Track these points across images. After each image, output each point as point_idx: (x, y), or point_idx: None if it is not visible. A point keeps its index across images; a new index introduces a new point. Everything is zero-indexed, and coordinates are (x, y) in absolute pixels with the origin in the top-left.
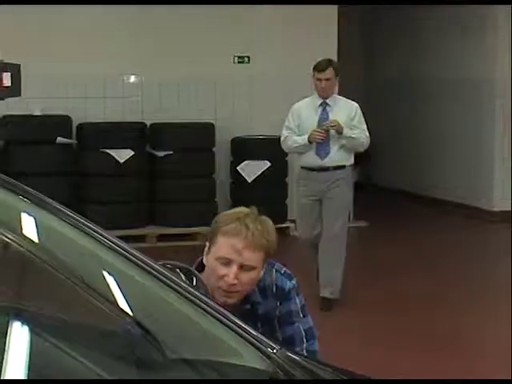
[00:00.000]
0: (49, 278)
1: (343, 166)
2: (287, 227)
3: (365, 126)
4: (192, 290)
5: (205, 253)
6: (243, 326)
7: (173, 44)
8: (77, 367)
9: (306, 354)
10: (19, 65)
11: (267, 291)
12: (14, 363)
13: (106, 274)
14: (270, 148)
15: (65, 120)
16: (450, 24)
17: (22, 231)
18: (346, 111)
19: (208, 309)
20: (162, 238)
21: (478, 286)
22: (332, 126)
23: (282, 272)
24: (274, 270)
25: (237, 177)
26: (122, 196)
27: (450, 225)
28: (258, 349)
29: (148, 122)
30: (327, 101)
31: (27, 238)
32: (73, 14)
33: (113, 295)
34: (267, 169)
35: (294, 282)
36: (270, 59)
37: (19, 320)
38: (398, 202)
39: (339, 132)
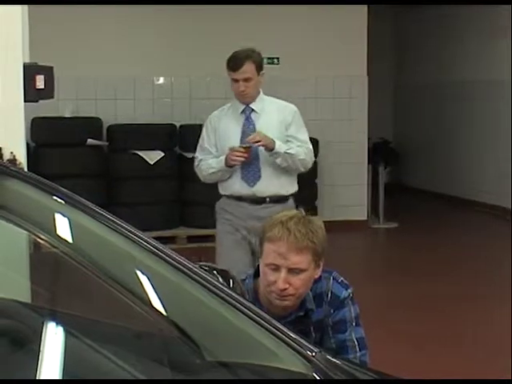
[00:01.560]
0: (83, 279)
1: (284, 198)
2: None
3: (306, 137)
4: (229, 291)
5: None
6: (282, 328)
7: (203, 45)
8: (111, 368)
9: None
10: (52, 67)
11: (322, 299)
12: (49, 363)
13: (141, 274)
14: None
15: (95, 122)
16: (481, 25)
17: (55, 232)
18: (280, 117)
19: (246, 311)
20: (192, 239)
21: (507, 288)
22: (257, 142)
23: (339, 281)
24: (332, 278)
25: None
26: (152, 197)
27: (480, 226)
28: (298, 352)
29: (178, 124)
30: (252, 106)
31: (61, 238)
32: (103, 15)
33: (149, 296)
34: None
35: (349, 291)
36: (299, 60)
37: (53, 321)
38: (427, 203)
39: (269, 148)
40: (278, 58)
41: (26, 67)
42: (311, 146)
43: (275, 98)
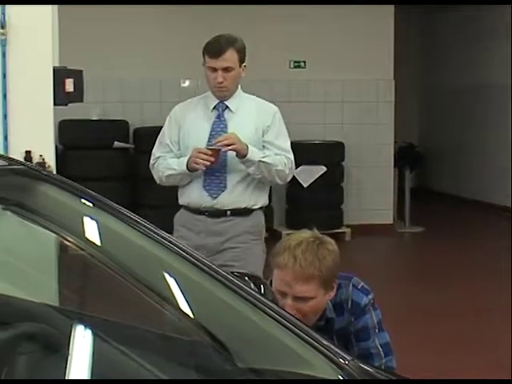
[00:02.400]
0: (111, 282)
1: (249, 211)
2: (343, 232)
3: (287, 144)
4: (261, 297)
5: None
6: (314, 335)
7: None
8: (139, 372)
9: None
10: (81, 71)
11: (343, 307)
12: (77, 367)
13: (169, 277)
14: (326, 153)
15: (122, 124)
16: (509, 27)
17: (84, 234)
18: (258, 120)
19: (277, 317)
20: None
21: None
22: (228, 145)
23: (359, 287)
24: (351, 285)
25: (293, 181)
26: (177, 200)
27: (507, 231)
28: (330, 359)
29: None
30: (227, 102)
31: (89, 241)
32: (130, 18)
33: (177, 300)
34: (323, 174)
35: (370, 296)
36: (326, 63)
37: (82, 324)
38: (453, 208)
39: (242, 155)
40: (304, 62)
41: (55, 71)
42: (292, 156)
43: (255, 97)
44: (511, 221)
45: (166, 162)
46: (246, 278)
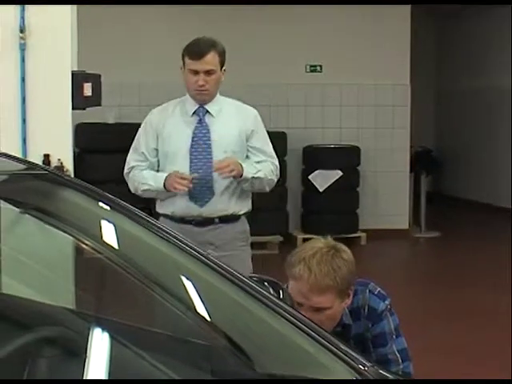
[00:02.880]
0: (128, 285)
1: (236, 217)
2: (358, 237)
3: (271, 148)
4: (280, 302)
5: None
6: (333, 340)
7: (245, 52)
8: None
9: None
10: (99, 75)
11: (359, 313)
12: (95, 370)
13: (188, 282)
14: (342, 157)
15: (138, 128)
16: None
17: (101, 238)
18: (239, 123)
19: (296, 322)
20: None
21: None
22: (230, 172)
23: (376, 292)
24: (368, 291)
25: (308, 186)
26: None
27: None
28: (349, 365)
29: None
30: (207, 107)
31: (107, 244)
32: (147, 21)
33: (195, 304)
34: (339, 178)
35: (387, 302)
36: (342, 68)
37: (101, 327)
38: (469, 213)
39: (238, 175)
40: (320, 66)
41: (74, 75)
42: (277, 161)
43: (233, 99)
44: None
45: (141, 175)
46: (265, 283)
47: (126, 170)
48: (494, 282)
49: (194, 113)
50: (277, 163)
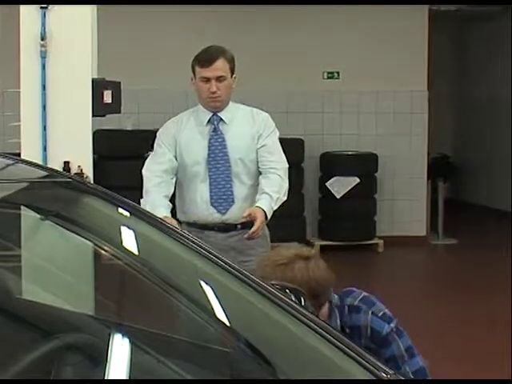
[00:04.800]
0: (148, 291)
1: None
2: (376, 244)
3: (281, 151)
4: (301, 309)
5: None
6: (356, 348)
7: (263, 59)
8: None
9: None
10: (119, 82)
11: (360, 332)
12: (116, 375)
13: (209, 288)
14: (360, 164)
15: (155, 135)
16: None
17: (121, 243)
18: (252, 129)
19: (319, 329)
20: None
21: None
22: (254, 232)
23: (380, 315)
24: (371, 313)
25: (325, 192)
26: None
27: None
28: (371, 372)
29: None
30: (220, 114)
31: (126, 250)
32: (164, 28)
33: (216, 310)
34: (356, 185)
35: (392, 324)
36: (359, 74)
37: (123, 334)
38: (487, 220)
39: (265, 221)
40: (338, 73)
41: (94, 82)
42: (286, 164)
43: (245, 106)
44: None
45: (152, 199)
46: (287, 291)
47: (147, 175)
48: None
49: (208, 121)
50: (286, 165)
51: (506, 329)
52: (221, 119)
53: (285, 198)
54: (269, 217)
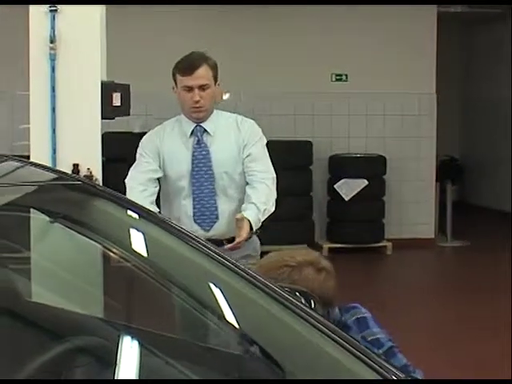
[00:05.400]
0: (158, 294)
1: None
2: (384, 246)
3: (269, 160)
4: (311, 312)
5: None
6: (367, 351)
7: (271, 61)
8: None
9: None
10: (128, 85)
11: None
12: (125, 377)
13: (218, 291)
14: (368, 166)
15: None
16: None
17: (131, 246)
18: (238, 139)
19: (329, 333)
20: (261, 255)
21: None
22: (237, 243)
23: (370, 339)
24: (360, 337)
25: (334, 195)
26: None
27: None
28: (381, 375)
29: None
30: (204, 125)
31: (136, 252)
32: (174, 31)
33: (225, 313)
34: (364, 187)
35: (381, 350)
36: (367, 76)
37: (130, 336)
38: (495, 222)
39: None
40: (346, 75)
41: (103, 85)
42: (274, 173)
43: (230, 113)
44: None
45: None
46: (297, 293)
47: (131, 185)
48: None
49: (191, 133)
50: (273, 175)
51: None
52: (205, 130)
53: (273, 209)
54: (254, 229)
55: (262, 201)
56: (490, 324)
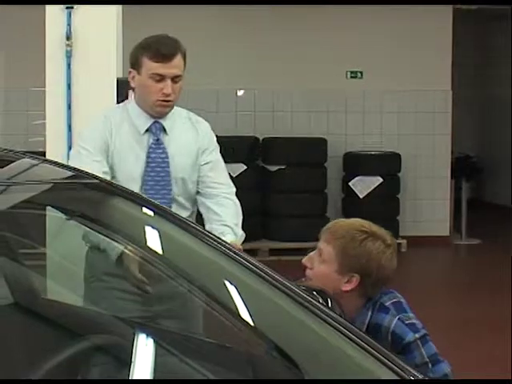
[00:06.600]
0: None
1: None
2: (399, 244)
3: (226, 170)
4: (329, 311)
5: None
6: (385, 351)
7: (286, 59)
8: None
9: None
10: None
11: (381, 333)
12: (140, 374)
13: (234, 289)
14: (383, 163)
15: None
16: None
17: (148, 244)
18: (195, 142)
19: (345, 331)
20: (274, 252)
21: None
22: None
23: (407, 322)
24: (397, 318)
25: (348, 192)
26: None
27: None
28: (399, 375)
29: (260, 137)
30: (162, 121)
31: (153, 251)
32: (187, 30)
33: (241, 311)
34: (379, 184)
35: (417, 335)
36: (383, 74)
37: (146, 333)
38: (510, 220)
39: None
40: (361, 72)
41: (119, 82)
42: (232, 185)
43: (181, 109)
44: None
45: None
46: (314, 293)
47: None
48: None
49: (147, 130)
50: (234, 188)
51: None
52: (163, 128)
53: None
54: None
55: (235, 222)
56: (504, 321)
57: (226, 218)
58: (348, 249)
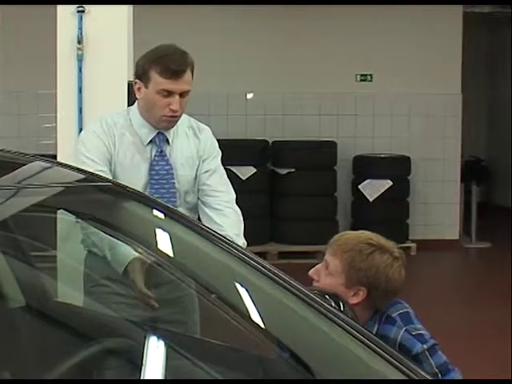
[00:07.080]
0: (185, 294)
1: None
2: (408, 247)
3: (227, 178)
4: (341, 315)
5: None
6: (397, 355)
7: (296, 62)
8: None
9: None
10: None
11: (388, 344)
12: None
13: (245, 291)
14: (392, 167)
15: None
16: None
17: (160, 248)
18: (196, 152)
19: (357, 335)
20: (283, 255)
21: None
22: None
23: (415, 333)
24: (404, 329)
25: (358, 195)
26: (243, 213)
27: None
28: (409, 377)
29: (270, 140)
30: (166, 133)
31: (165, 254)
32: (197, 33)
33: (252, 314)
34: (389, 188)
35: (425, 346)
36: (392, 77)
37: (158, 337)
38: None
39: None
40: (371, 75)
41: (130, 85)
42: (233, 192)
43: (183, 115)
44: None
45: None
46: (327, 296)
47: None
48: None
49: (150, 141)
50: (234, 196)
51: None
52: (167, 140)
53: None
54: None
55: (236, 233)
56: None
57: (226, 228)
58: (355, 262)
